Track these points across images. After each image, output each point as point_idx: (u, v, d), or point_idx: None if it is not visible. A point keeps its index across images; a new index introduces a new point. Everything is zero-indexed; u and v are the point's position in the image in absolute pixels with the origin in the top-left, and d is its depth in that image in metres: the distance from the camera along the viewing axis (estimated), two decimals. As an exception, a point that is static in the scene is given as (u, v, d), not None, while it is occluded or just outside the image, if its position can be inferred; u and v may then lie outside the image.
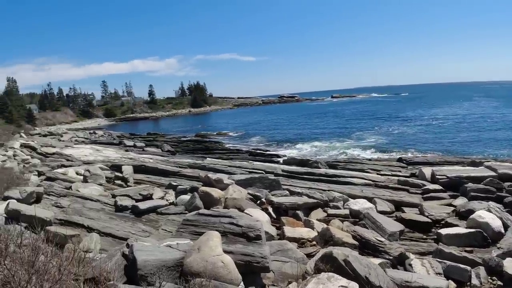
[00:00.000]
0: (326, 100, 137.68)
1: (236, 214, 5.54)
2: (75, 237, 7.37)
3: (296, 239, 7.22)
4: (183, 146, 33.57)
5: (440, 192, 11.56)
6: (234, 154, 26.16)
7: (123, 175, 13.96)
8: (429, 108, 66.20)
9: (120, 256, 5.00)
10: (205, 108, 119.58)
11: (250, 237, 4.94)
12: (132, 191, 10.87)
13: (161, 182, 13.23)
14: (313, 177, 13.76)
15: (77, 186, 11.58)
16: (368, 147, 28.63)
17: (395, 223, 8.84)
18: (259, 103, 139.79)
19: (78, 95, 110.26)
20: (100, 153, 26.71)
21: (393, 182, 13.23)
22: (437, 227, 8.97)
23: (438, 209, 9.83)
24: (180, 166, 16.63)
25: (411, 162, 18.08)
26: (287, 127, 48.79)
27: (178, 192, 10.52)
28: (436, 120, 46.05)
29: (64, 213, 8.69)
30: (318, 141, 33.35)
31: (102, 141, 40.19)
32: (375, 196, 11.02)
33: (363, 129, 40.97)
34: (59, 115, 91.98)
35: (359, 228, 7.80)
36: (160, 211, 9.13)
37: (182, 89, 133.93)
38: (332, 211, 9.55)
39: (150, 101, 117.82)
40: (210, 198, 8.94)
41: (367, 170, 15.80)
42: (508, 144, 27.06)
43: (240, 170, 15.45)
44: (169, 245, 4.94)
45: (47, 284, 2.97)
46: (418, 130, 37.45)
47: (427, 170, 13.67)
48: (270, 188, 11.09)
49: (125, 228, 8.21)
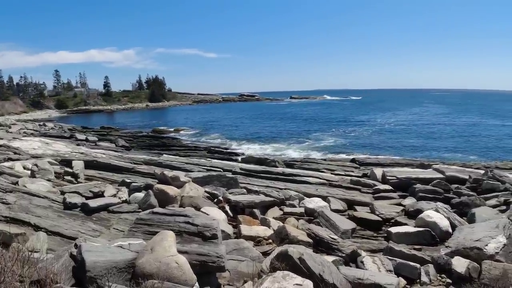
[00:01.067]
0: (285, 101, 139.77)
1: (192, 213, 5.45)
2: (21, 235, 6.94)
3: (253, 237, 7.23)
4: (138, 141, 32.62)
5: (390, 192, 12.00)
6: (192, 151, 25.81)
7: (73, 171, 13.29)
8: (382, 112, 69.43)
9: (68, 257, 4.76)
10: (163, 103, 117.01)
11: (206, 237, 4.88)
12: (82, 187, 10.35)
13: (114, 179, 12.74)
14: (270, 175, 13.85)
15: (24, 181, 10.87)
16: (324, 147, 29.48)
17: (347, 221, 9.08)
18: (219, 100, 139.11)
19: (29, 84, 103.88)
20: (49, 146, 25.28)
21: (346, 181, 13.60)
22: (387, 225, 9.25)
23: (388, 208, 10.18)
24: (135, 163, 16.11)
25: (363, 163, 18.78)
26: (247, 126, 48.95)
27: (132, 189, 10.16)
28: (389, 123, 48.31)
29: (9, 210, 8.13)
30: (276, 141, 33.81)
31: (52, 134, 38.07)
32: (329, 195, 11.26)
33: (320, 130, 42.10)
34: (8, 105, 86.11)
35: (314, 226, 7.95)
36: (112, 209, 8.74)
37: (139, 82, 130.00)
38: (288, 209, 9.65)
39: (105, 93, 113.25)
40: (166, 196, 8.73)
41: (322, 169, 16.20)
42: (456, 147, 28.94)
43: (197, 167, 15.26)
44: (121, 246, 4.76)
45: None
46: (371, 133, 39.07)
47: (378, 171, 14.20)
48: (228, 187, 11.03)
49: (74, 227, 7.82)
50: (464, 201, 10.11)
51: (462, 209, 9.75)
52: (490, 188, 11.46)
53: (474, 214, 8.63)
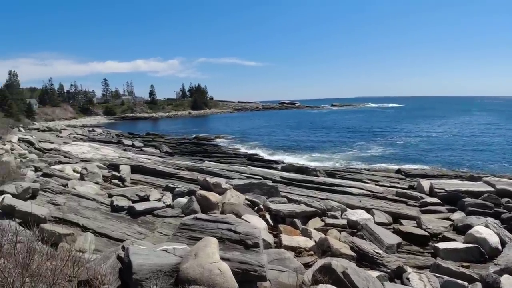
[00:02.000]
0: (326, 108, 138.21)
1: (234, 220, 5.47)
2: (69, 236, 7.28)
3: (293, 248, 7.13)
4: (181, 147, 33.49)
5: (438, 206, 11.49)
6: (232, 158, 26.07)
7: (120, 175, 13.86)
8: (428, 120, 66.53)
9: (115, 259, 4.91)
10: (205, 111, 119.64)
11: (248, 245, 4.87)
12: (129, 191, 10.77)
13: (158, 184, 13.12)
14: (311, 185, 13.67)
15: (74, 183, 11.47)
16: (367, 157, 28.64)
17: (393, 235, 8.76)
18: (259, 108, 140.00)
19: (79, 92, 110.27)
20: (98, 151, 26.58)
21: (391, 193, 13.17)
22: (434, 240, 8.88)
23: (436, 222, 9.75)
24: (178, 168, 16.52)
25: (409, 174, 18.02)
26: (287, 134, 48.78)
27: (176, 194, 10.42)
28: (436, 132, 46.20)
29: (59, 211, 8.59)
30: (317, 149, 33.35)
31: (100, 139, 40.06)
32: (373, 207, 10.94)
33: (363, 139, 40.96)
34: (59, 111, 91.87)
35: (357, 239, 7.73)
36: (156, 213, 9.02)
37: (183, 90, 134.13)
38: (330, 221, 9.46)
39: (151, 101, 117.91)
40: (208, 202, 8.86)
41: (366, 180, 15.73)
42: (507, 159, 27.08)
43: (238, 174, 15.37)
44: (166, 250, 4.86)
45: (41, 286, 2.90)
46: (417, 142, 37.54)
47: (426, 183, 13.62)
48: (268, 195, 11.01)
49: (120, 229, 8.12)
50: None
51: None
52: None
53: None
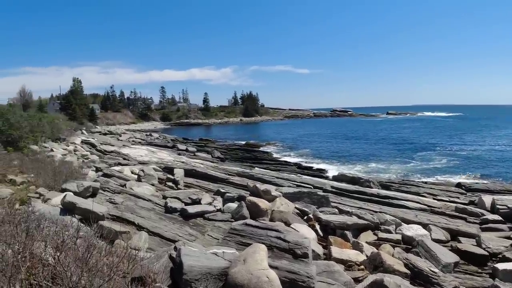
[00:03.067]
0: (381, 117, 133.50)
1: (283, 228, 5.44)
2: (125, 233, 7.65)
3: (344, 261, 6.93)
4: (232, 153, 34.06)
5: (500, 224, 10.69)
6: (282, 166, 26.02)
7: (174, 178, 14.37)
8: (492, 131, 61.63)
9: (167, 258, 5.08)
10: (256, 118, 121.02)
11: (297, 254, 4.81)
12: (182, 194, 11.12)
13: (210, 188, 13.44)
14: (364, 196, 13.25)
15: (131, 184, 12.08)
16: (425, 169, 27.14)
17: (450, 253, 8.25)
18: (311, 115, 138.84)
19: (138, 98, 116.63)
20: (154, 154, 27.83)
21: (450, 209, 12.41)
22: (493, 260, 8.30)
23: (497, 241, 9.06)
24: (229, 174, 16.81)
25: (470, 189, 16.89)
26: (339, 142, 47.74)
27: (226, 199, 10.60)
28: (500, 144, 42.74)
29: (117, 209, 9.07)
30: (372, 159, 32.17)
31: (157, 143, 41.91)
32: (430, 223, 10.37)
33: (422, 149, 38.82)
34: (119, 116, 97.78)
35: (412, 256, 7.34)
36: (207, 217, 9.23)
37: (235, 98, 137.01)
38: (383, 235, 9.08)
39: (204, 108, 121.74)
40: (257, 209, 8.89)
41: (423, 194, 14.96)
42: None
43: (287, 182, 15.30)
44: (215, 253, 4.95)
45: (97, 281, 3.05)
46: (480, 154, 34.94)
47: (488, 198, 12.71)
48: (318, 204, 10.83)
49: (173, 230, 8.40)
50: None
51: None
52: None
53: None
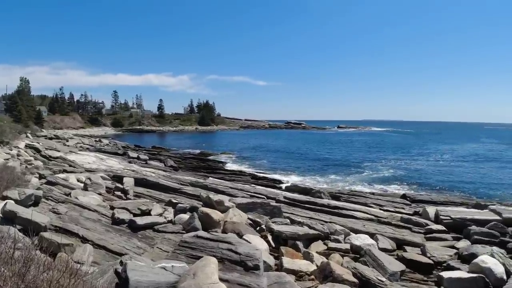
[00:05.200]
0: (332, 130, 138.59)
1: (235, 240, 5.37)
2: (68, 246, 7.19)
3: (295, 271, 6.96)
4: (186, 162, 33.50)
5: (443, 233, 11.27)
6: (237, 176, 25.97)
7: (123, 187, 13.83)
8: (436, 146, 66.14)
9: (112, 273, 4.83)
10: (212, 127, 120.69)
11: (248, 266, 4.76)
12: (131, 204, 10.70)
13: (161, 198, 13.06)
14: (315, 207, 13.49)
15: (77, 193, 11.45)
16: (372, 180, 28.38)
17: (396, 262, 8.54)
18: (266, 127, 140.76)
19: (89, 102, 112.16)
20: (103, 162, 26.68)
21: (396, 219, 12.92)
22: (438, 269, 8.66)
23: (441, 250, 9.53)
24: (182, 183, 16.47)
25: (415, 200, 17.82)
26: (293, 153, 48.69)
27: (178, 210, 10.32)
28: (443, 158, 45.81)
29: (60, 220, 8.53)
30: (323, 170, 33.15)
31: (106, 150, 40.29)
32: (377, 232, 10.71)
33: (370, 162, 40.69)
34: (67, 120, 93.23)
35: (360, 266, 7.54)
36: (157, 228, 8.91)
37: (191, 106, 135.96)
38: (333, 245, 9.26)
39: (159, 115, 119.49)
40: (210, 220, 8.75)
41: (370, 204, 15.53)
42: (514, 187, 26.66)
43: (241, 193, 15.27)
44: (164, 267, 4.77)
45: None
46: (424, 167, 37.19)
47: (431, 209, 13.41)
48: (271, 215, 10.87)
49: (120, 243, 8.02)
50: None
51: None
52: None
53: None
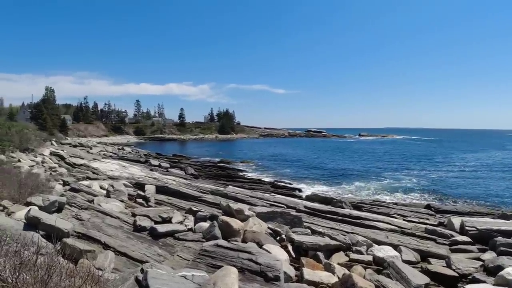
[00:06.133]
0: (353, 138, 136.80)
1: (255, 250, 5.32)
2: (90, 252, 7.28)
3: (315, 283, 6.83)
4: (206, 171, 33.70)
5: (469, 245, 10.92)
6: (257, 184, 25.93)
7: (145, 194, 14.00)
8: (461, 154, 64.26)
9: (133, 281, 4.85)
10: (232, 135, 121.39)
11: (268, 277, 4.70)
12: (152, 212, 10.80)
13: (182, 206, 13.14)
14: (336, 216, 13.30)
15: (99, 200, 11.65)
16: (395, 189, 27.73)
17: (420, 275, 8.28)
18: (286, 135, 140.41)
19: (112, 111, 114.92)
20: (125, 169, 27.14)
21: (420, 230, 12.61)
22: (463, 282, 8.40)
23: (466, 262, 9.21)
24: (202, 192, 16.54)
25: (439, 210, 17.36)
26: (313, 162, 48.24)
27: (198, 218, 10.35)
28: (468, 167, 44.44)
29: (83, 227, 8.67)
30: (344, 179, 32.62)
31: (129, 157, 40.99)
32: (400, 244, 10.45)
33: (392, 171, 39.85)
34: (91, 128, 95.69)
35: (383, 278, 7.35)
36: (177, 236, 8.95)
37: (211, 115, 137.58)
38: (355, 256, 9.07)
39: (180, 124, 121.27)
40: (230, 229, 8.72)
41: (393, 215, 15.19)
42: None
43: (261, 201, 15.19)
44: (184, 276, 4.76)
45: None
46: (448, 176, 36.12)
47: (456, 220, 13.03)
48: (291, 224, 10.75)
49: (141, 250, 8.07)
50: None
51: None
52: None
53: None
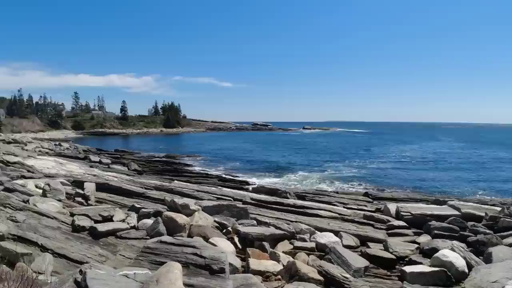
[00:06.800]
0: (298, 131, 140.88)
1: (200, 244, 5.31)
2: (27, 255, 6.86)
3: (261, 272, 6.99)
4: (151, 166, 32.79)
5: (405, 229, 11.66)
6: (204, 178, 25.75)
7: (84, 193, 13.31)
8: (396, 145, 68.86)
9: (72, 283, 4.63)
10: (178, 129, 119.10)
11: (213, 270, 4.72)
12: (92, 211, 10.31)
13: (124, 203, 12.70)
14: (281, 207, 13.60)
15: (35, 200, 10.89)
16: (337, 179, 29.08)
17: (360, 258, 8.74)
18: (233, 128, 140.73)
19: (48, 104, 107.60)
20: (63, 166, 25.60)
21: (359, 216, 13.26)
22: (401, 264, 8.91)
23: (403, 245, 9.83)
24: (146, 188, 16.09)
25: (376, 197, 18.42)
26: (260, 155, 48.91)
27: (141, 215, 10.07)
28: (403, 157, 47.71)
29: (18, 229, 8.08)
30: (289, 171, 33.57)
31: (67, 154, 38.74)
32: (341, 230, 10.94)
33: (334, 161, 41.72)
34: (26, 123, 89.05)
35: (325, 263, 7.67)
36: (119, 235, 8.63)
37: (155, 108, 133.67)
38: (299, 244, 9.37)
39: (122, 117, 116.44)
40: (174, 224, 8.60)
41: (334, 203, 15.87)
42: (471, 184, 28.27)
43: (208, 195, 15.13)
44: (126, 275, 4.64)
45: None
46: (385, 166, 38.55)
47: (392, 206, 13.84)
48: (238, 217, 10.84)
49: (81, 251, 7.72)
50: (480, 239, 9.77)
51: (479, 248, 9.42)
52: (507, 226, 11.02)
53: (491, 253, 8.31)
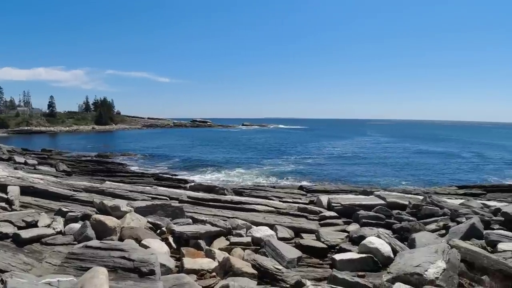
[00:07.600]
0: (237, 128, 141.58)
1: (129, 247, 5.19)
2: None
3: (196, 270, 6.98)
4: (81, 166, 30.86)
5: (335, 219, 12.17)
6: (139, 178, 24.85)
7: (7, 197, 12.27)
8: (331, 141, 72.43)
9: (-12, 296, 4.33)
10: (111, 126, 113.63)
11: (143, 273, 4.65)
12: (15, 216, 9.56)
13: (51, 207, 11.90)
14: (218, 204, 13.61)
15: (-50, 208, 9.85)
16: (273, 174, 29.85)
17: (293, 249, 8.99)
18: (171, 125, 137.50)
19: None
20: (-20, 170, 23.22)
21: (293, 209, 13.62)
22: (332, 252, 9.24)
23: (334, 235, 10.22)
24: (75, 190, 15.17)
25: (310, 190, 19.17)
26: (198, 152, 48.43)
27: (68, 219, 9.52)
28: (335, 152, 50.30)
29: None
30: (227, 168, 33.70)
31: (-14, 156, 35.13)
32: (276, 223, 11.21)
33: (271, 157, 42.67)
34: None
35: (259, 257, 7.84)
36: (45, 241, 8.12)
37: (86, 103, 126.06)
38: (235, 239, 9.48)
39: (49, 114, 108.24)
40: (104, 228, 8.25)
41: (271, 197, 16.23)
42: (395, 175, 30.62)
43: (142, 195, 14.65)
44: (49, 283, 4.43)
45: None
46: (320, 161, 40.29)
47: (324, 197, 14.45)
48: (173, 216, 10.66)
49: (4, 259, 7.14)
50: (404, 226, 10.35)
51: (403, 234, 9.94)
52: (429, 213, 11.89)
53: (414, 239, 8.72)
